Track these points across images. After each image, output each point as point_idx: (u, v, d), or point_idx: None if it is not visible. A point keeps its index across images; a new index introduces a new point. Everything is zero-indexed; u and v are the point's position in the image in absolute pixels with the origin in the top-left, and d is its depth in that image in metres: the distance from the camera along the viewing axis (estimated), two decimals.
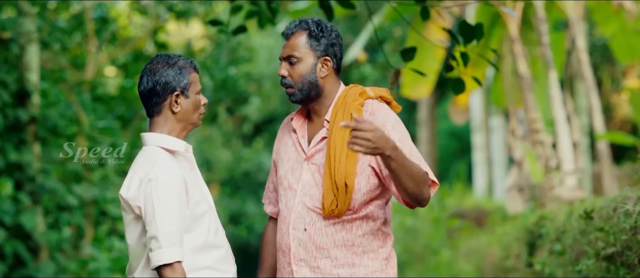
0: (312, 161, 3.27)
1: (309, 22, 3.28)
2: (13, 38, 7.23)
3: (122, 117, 9.43)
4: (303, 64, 3.25)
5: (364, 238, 3.22)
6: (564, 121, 7.99)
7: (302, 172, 3.28)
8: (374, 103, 3.27)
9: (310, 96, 3.26)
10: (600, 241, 4.14)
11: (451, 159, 20.06)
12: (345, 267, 3.20)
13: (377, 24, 10.39)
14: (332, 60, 3.27)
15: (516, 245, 6.69)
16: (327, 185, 3.18)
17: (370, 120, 3.08)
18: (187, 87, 3.12)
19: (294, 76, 3.25)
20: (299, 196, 3.26)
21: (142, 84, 3.12)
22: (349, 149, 3.03)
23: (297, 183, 3.28)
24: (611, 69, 16.80)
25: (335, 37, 3.28)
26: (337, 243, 3.21)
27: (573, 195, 7.55)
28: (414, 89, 11.57)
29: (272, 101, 20.34)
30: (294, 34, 3.27)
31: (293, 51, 3.25)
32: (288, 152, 3.35)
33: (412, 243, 12.18)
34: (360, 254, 3.22)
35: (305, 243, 3.22)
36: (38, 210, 7.17)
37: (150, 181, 3.00)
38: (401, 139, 3.19)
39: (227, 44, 11.99)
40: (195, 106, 3.15)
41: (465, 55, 4.23)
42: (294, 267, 3.24)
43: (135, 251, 3.09)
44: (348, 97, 3.26)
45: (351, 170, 3.17)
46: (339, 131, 3.20)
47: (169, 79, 3.10)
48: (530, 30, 9.35)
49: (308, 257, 3.22)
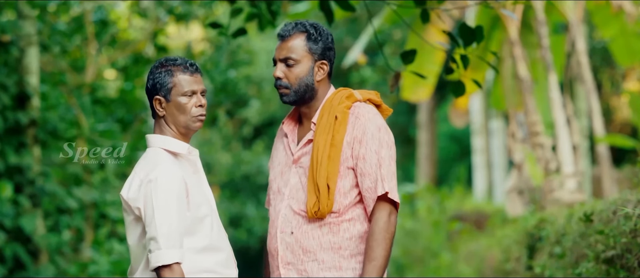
0: (299, 164, 3.27)
1: (306, 25, 3.28)
2: (13, 41, 7.23)
3: (122, 120, 9.43)
4: (300, 67, 3.25)
5: (351, 241, 3.21)
6: (563, 123, 7.99)
7: (290, 175, 3.29)
8: (360, 106, 3.26)
9: (304, 98, 3.27)
10: (600, 244, 4.14)
11: (451, 162, 20.05)
12: (332, 270, 3.20)
13: (377, 26, 10.39)
14: (327, 64, 3.28)
15: (516, 248, 6.69)
16: (310, 187, 3.19)
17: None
18: (169, 90, 3.11)
19: (291, 78, 3.25)
20: (286, 200, 3.27)
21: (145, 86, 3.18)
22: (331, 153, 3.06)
23: (286, 186, 3.29)
24: (611, 72, 16.80)
25: (331, 42, 3.30)
26: (324, 246, 3.20)
27: (573, 197, 7.55)
28: (414, 92, 11.57)
29: (272, 104, 20.32)
30: (291, 36, 3.27)
31: (291, 53, 3.25)
32: (278, 156, 3.37)
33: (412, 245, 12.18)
34: (348, 257, 3.21)
35: (292, 247, 3.23)
36: (38, 212, 7.17)
37: (150, 182, 3.00)
38: (377, 150, 3.17)
39: (227, 47, 11.99)
40: (179, 109, 3.12)
41: (465, 58, 4.23)
42: (282, 270, 3.25)
43: (136, 252, 3.09)
44: (334, 100, 3.25)
45: (333, 172, 3.17)
46: (322, 133, 3.20)
47: (154, 82, 3.13)
48: (530, 33, 9.35)
49: (295, 260, 3.23)
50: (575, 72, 9.78)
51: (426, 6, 4.59)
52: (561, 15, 9.00)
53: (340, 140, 3.19)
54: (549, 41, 8.36)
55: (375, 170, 3.16)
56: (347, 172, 3.20)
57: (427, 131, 17.72)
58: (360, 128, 3.19)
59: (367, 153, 3.17)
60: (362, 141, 3.18)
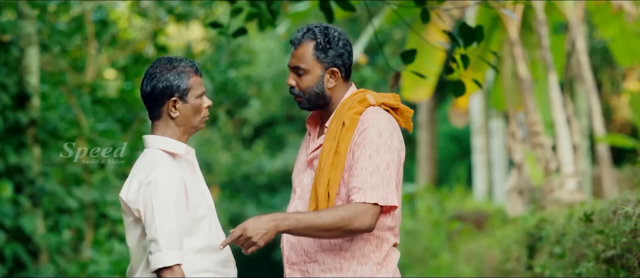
0: (312, 166, 3.26)
1: (316, 32, 3.22)
2: (13, 41, 7.23)
3: (122, 120, 9.43)
4: (310, 76, 3.21)
5: (353, 243, 3.19)
6: (563, 123, 7.99)
7: (304, 176, 3.28)
8: (370, 112, 3.21)
9: (317, 105, 3.25)
10: (600, 244, 4.14)
11: (451, 162, 20.05)
12: (333, 272, 3.19)
13: (377, 26, 10.39)
14: (340, 70, 3.23)
15: (516, 248, 6.69)
16: (312, 193, 3.18)
17: (239, 226, 3.02)
18: (186, 92, 3.09)
19: (302, 86, 3.22)
20: (296, 200, 3.27)
21: (142, 88, 3.12)
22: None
23: (299, 186, 3.29)
24: (611, 72, 16.80)
25: (342, 47, 3.22)
26: (324, 248, 3.19)
27: (573, 197, 7.55)
28: (414, 92, 11.57)
29: (272, 104, 20.33)
30: (301, 44, 3.21)
31: (300, 63, 3.21)
32: (301, 154, 3.36)
33: (412, 246, 12.19)
34: (349, 259, 3.19)
35: (296, 247, 3.23)
36: (38, 212, 7.17)
37: (149, 183, 2.99)
38: (371, 155, 3.13)
39: (227, 47, 11.98)
40: (195, 111, 3.12)
41: (465, 57, 4.23)
42: (287, 270, 3.26)
43: (136, 253, 3.09)
44: (345, 105, 3.22)
45: (334, 179, 3.14)
46: (330, 139, 3.19)
47: (167, 84, 3.08)
48: (530, 33, 9.35)
49: (299, 260, 3.23)
50: (575, 72, 9.78)
51: (426, 6, 4.58)
52: (561, 15, 9.00)
53: (345, 147, 3.17)
54: (549, 40, 8.36)
55: (365, 175, 3.12)
56: (350, 179, 3.18)
57: (427, 131, 17.72)
58: (363, 133, 3.17)
59: (361, 156, 3.15)
60: (361, 144, 3.17)
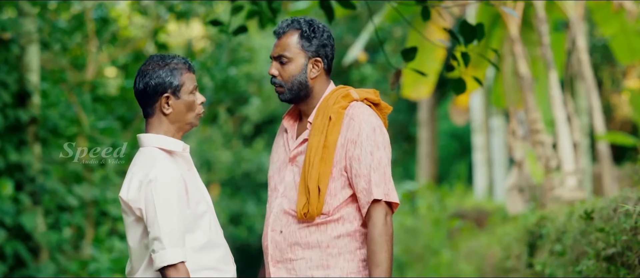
0: (295, 163, 3.26)
1: (301, 21, 3.26)
2: (13, 39, 7.23)
3: (122, 118, 9.43)
4: (293, 65, 3.24)
5: (340, 240, 3.20)
6: (564, 121, 7.98)
7: (286, 173, 3.28)
8: (356, 106, 3.23)
9: (299, 96, 3.25)
10: (601, 242, 4.14)
11: (451, 159, 20.05)
12: (320, 269, 3.19)
13: (377, 24, 10.38)
14: (323, 61, 3.26)
15: (516, 246, 6.69)
16: (301, 188, 3.18)
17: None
18: (179, 88, 3.10)
19: (284, 76, 3.24)
20: (279, 198, 3.26)
21: (135, 85, 3.13)
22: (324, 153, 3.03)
23: (281, 184, 3.28)
24: (611, 70, 16.80)
25: (326, 38, 3.26)
26: (311, 245, 3.20)
27: (573, 195, 7.55)
28: (415, 89, 11.56)
29: (273, 102, 20.30)
30: (285, 34, 3.25)
31: (284, 51, 3.24)
32: (278, 152, 3.36)
33: (413, 243, 12.18)
34: (336, 256, 3.20)
35: (281, 245, 3.23)
36: (38, 210, 7.17)
37: (150, 182, 2.99)
38: (372, 151, 3.16)
39: (228, 45, 11.99)
40: (188, 107, 3.12)
41: (466, 55, 4.23)
42: (272, 269, 3.25)
43: (137, 252, 3.08)
44: (330, 99, 3.24)
45: (324, 174, 3.15)
46: (316, 133, 3.19)
47: (159, 80, 3.09)
48: (531, 31, 9.34)
49: (284, 258, 3.23)
50: (576, 69, 9.78)
51: (427, 4, 4.58)
52: (562, 12, 9.00)
53: (334, 142, 3.18)
54: (550, 38, 8.35)
55: (370, 172, 3.14)
56: (339, 174, 3.18)
57: (428, 128, 17.72)
58: (355, 129, 3.18)
59: (362, 154, 3.15)
60: (356, 142, 3.17)
